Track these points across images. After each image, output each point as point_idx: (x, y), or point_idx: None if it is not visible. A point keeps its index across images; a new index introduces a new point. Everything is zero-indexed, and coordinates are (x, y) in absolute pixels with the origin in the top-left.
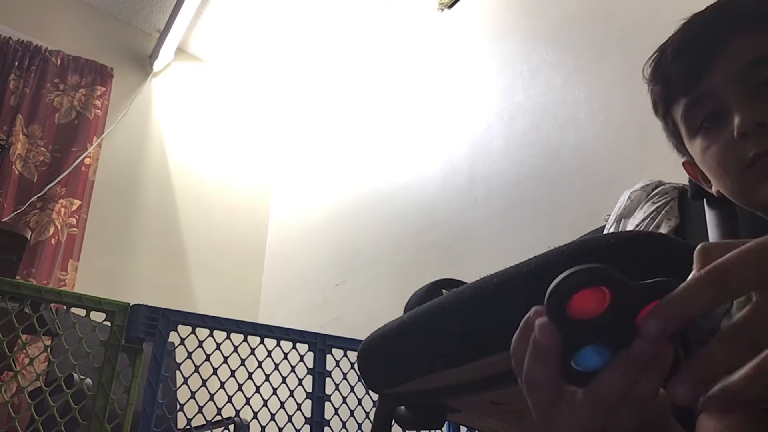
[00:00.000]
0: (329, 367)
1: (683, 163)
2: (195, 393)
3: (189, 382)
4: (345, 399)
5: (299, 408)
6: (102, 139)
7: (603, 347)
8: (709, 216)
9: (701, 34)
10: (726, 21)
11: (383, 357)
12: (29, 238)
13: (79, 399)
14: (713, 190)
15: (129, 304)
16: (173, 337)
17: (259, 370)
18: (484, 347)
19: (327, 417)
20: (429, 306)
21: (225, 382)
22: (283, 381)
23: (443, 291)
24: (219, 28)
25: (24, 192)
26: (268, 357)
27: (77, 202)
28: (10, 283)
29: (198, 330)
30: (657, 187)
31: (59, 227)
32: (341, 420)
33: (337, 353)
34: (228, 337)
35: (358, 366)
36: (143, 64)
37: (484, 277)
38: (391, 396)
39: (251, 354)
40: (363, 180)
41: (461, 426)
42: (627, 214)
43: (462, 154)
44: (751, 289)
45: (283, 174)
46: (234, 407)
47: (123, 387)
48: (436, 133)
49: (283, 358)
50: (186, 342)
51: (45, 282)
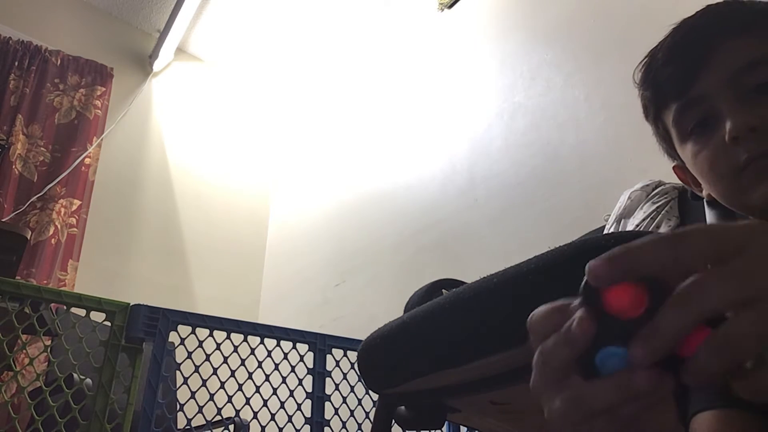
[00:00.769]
0: (329, 367)
1: (674, 168)
2: (195, 393)
3: (189, 382)
4: (345, 399)
5: (299, 408)
6: (102, 139)
7: (625, 353)
8: (709, 216)
9: (691, 39)
10: (716, 26)
11: (383, 357)
12: (29, 238)
13: (79, 399)
14: (704, 194)
15: (129, 304)
16: (173, 337)
17: (259, 370)
18: (484, 347)
19: (327, 417)
20: (429, 306)
21: (225, 382)
22: (283, 381)
23: (443, 291)
24: (219, 28)
25: (24, 192)
26: (268, 357)
27: (77, 202)
28: (10, 283)
29: (198, 330)
30: (657, 187)
31: (59, 227)
32: (341, 420)
33: (337, 353)
34: (228, 337)
35: (358, 366)
36: (143, 64)
37: (484, 277)
38: (391, 396)
39: (251, 354)
40: (363, 180)
41: (461, 426)
42: (627, 214)
43: (462, 154)
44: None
45: (283, 174)
46: (234, 407)
47: (123, 387)
48: (436, 133)
49: (283, 358)
50: (186, 342)
51: (45, 282)
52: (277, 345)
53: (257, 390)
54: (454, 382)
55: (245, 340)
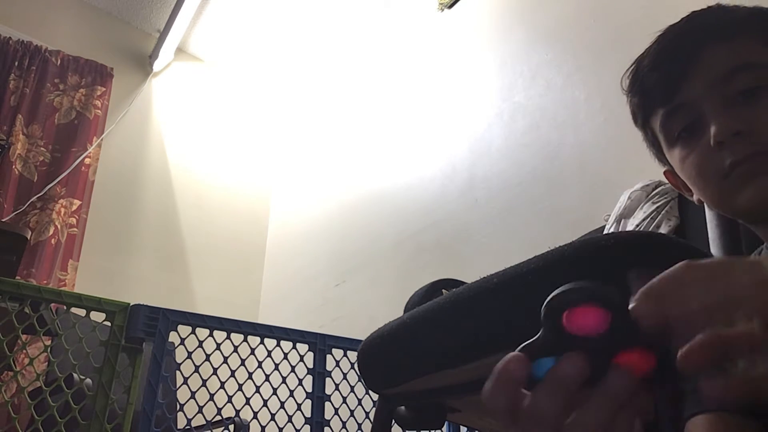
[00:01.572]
0: (329, 367)
1: (664, 172)
2: (195, 393)
3: (189, 382)
4: (345, 399)
5: (299, 408)
6: (102, 139)
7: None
8: (709, 216)
9: (676, 45)
10: (700, 32)
11: (383, 357)
12: (29, 238)
13: (79, 399)
14: (694, 198)
15: (129, 304)
16: (173, 337)
17: (259, 370)
18: (484, 347)
19: (327, 417)
20: (429, 306)
21: (225, 382)
22: (283, 381)
23: (443, 291)
24: (219, 28)
25: (24, 192)
26: (268, 357)
27: (77, 202)
28: (10, 283)
29: (198, 330)
30: (657, 187)
31: (59, 227)
32: (341, 420)
33: (337, 353)
34: (228, 337)
35: (358, 366)
36: (143, 64)
37: (484, 277)
38: (391, 396)
39: (251, 354)
40: (363, 180)
41: (461, 426)
42: (627, 214)
43: (462, 154)
44: None
45: (283, 174)
46: (234, 407)
47: (123, 387)
48: (436, 133)
49: (283, 358)
50: (186, 342)
51: (45, 282)
52: (277, 345)
53: (257, 390)
54: (454, 382)
55: (245, 340)
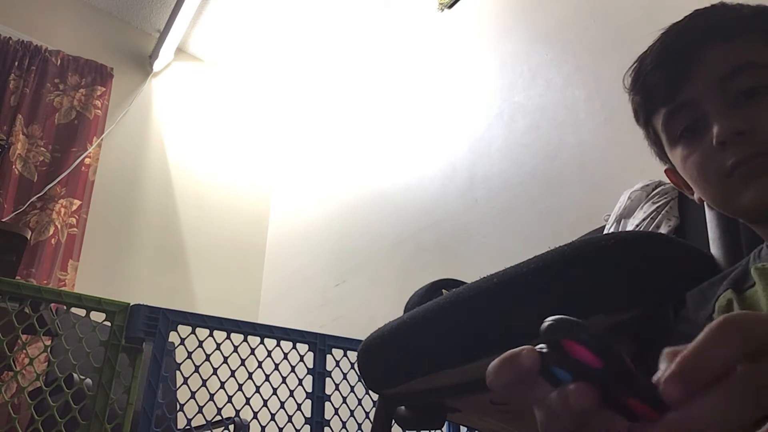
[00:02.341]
0: (329, 367)
1: (665, 171)
2: (195, 393)
3: (189, 382)
4: (345, 399)
5: (299, 408)
6: (102, 139)
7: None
8: (709, 216)
9: (679, 44)
10: (704, 31)
11: (383, 357)
12: (29, 238)
13: (79, 399)
14: (695, 197)
15: (129, 304)
16: (173, 337)
17: (259, 370)
18: (483, 347)
19: (327, 417)
20: (429, 306)
21: (225, 382)
22: (283, 381)
23: (443, 291)
24: (219, 28)
25: (24, 192)
26: (268, 357)
27: (77, 202)
28: (10, 283)
29: (198, 330)
30: (657, 187)
31: (59, 227)
32: (341, 420)
33: (337, 353)
34: (228, 337)
35: (358, 366)
36: (143, 64)
37: (484, 277)
38: (391, 396)
39: (251, 354)
40: (363, 180)
41: (461, 426)
42: (627, 214)
43: (462, 154)
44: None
45: (283, 174)
46: (234, 407)
47: (123, 387)
48: (436, 133)
49: (283, 358)
50: (186, 342)
51: (45, 282)
52: (277, 345)
53: (257, 390)
54: (454, 382)
55: (245, 340)
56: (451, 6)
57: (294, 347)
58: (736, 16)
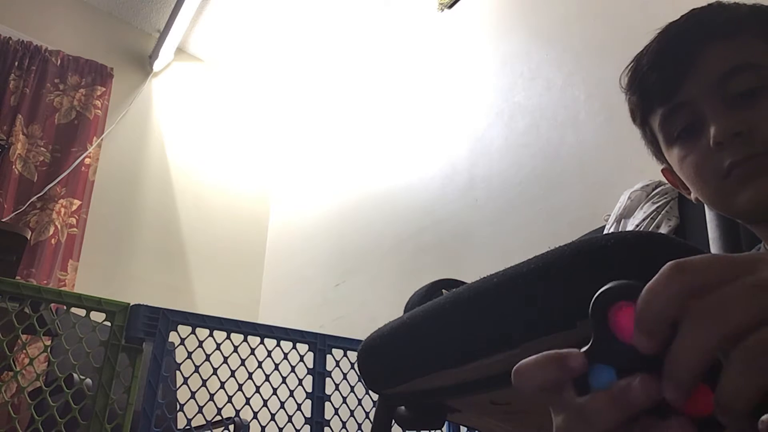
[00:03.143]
0: (329, 367)
1: (662, 171)
2: (195, 393)
3: (189, 382)
4: (345, 399)
5: (299, 408)
6: (102, 139)
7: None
8: (709, 216)
9: (676, 44)
10: (701, 31)
11: (383, 357)
12: (29, 238)
13: (79, 399)
14: (692, 197)
15: (129, 304)
16: (173, 337)
17: (259, 370)
18: (484, 347)
19: (327, 417)
20: (429, 306)
21: (225, 382)
22: (283, 381)
23: (443, 291)
24: (219, 28)
25: (24, 192)
26: (268, 357)
27: (77, 202)
28: (10, 283)
29: (198, 330)
30: (657, 187)
31: (59, 227)
32: (341, 420)
33: (337, 353)
34: (228, 337)
35: (358, 366)
36: (143, 64)
37: (484, 277)
38: (391, 396)
39: (251, 354)
40: (363, 180)
41: (461, 426)
42: (627, 214)
43: (462, 154)
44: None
45: (283, 174)
46: (234, 407)
47: (123, 387)
48: (436, 133)
49: (283, 358)
50: (186, 342)
51: (45, 282)
52: (277, 345)
53: (257, 390)
54: (454, 382)
55: (245, 340)
56: (451, 6)
57: (294, 347)
58: (733, 15)
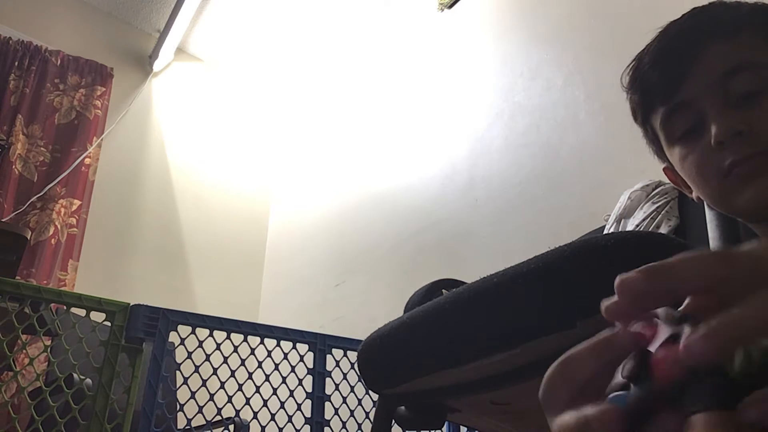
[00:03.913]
0: (329, 367)
1: (664, 169)
2: (195, 393)
3: (189, 382)
4: (345, 399)
5: (299, 408)
6: (102, 139)
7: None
8: (709, 216)
9: (677, 43)
10: (702, 30)
11: (383, 357)
12: (29, 238)
13: (79, 399)
14: (693, 195)
15: (129, 304)
16: (173, 337)
17: (259, 370)
18: (484, 347)
19: (327, 417)
20: (429, 306)
21: (225, 382)
22: (283, 381)
23: (443, 291)
24: (219, 28)
25: (24, 192)
26: (268, 357)
27: (77, 202)
28: (10, 283)
29: (198, 330)
30: (657, 187)
31: (59, 227)
32: (341, 420)
33: (337, 353)
34: (228, 337)
35: (358, 366)
36: (143, 64)
37: (484, 277)
38: (391, 396)
39: (251, 354)
40: (363, 180)
41: (461, 426)
42: (627, 214)
43: (462, 154)
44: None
45: (283, 174)
46: (234, 407)
47: (123, 387)
48: (436, 133)
49: (283, 358)
50: (186, 342)
51: (45, 282)
52: (277, 345)
53: (257, 390)
54: (454, 382)
55: (245, 340)
56: (451, 6)
57: (294, 347)
58: (734, 14)
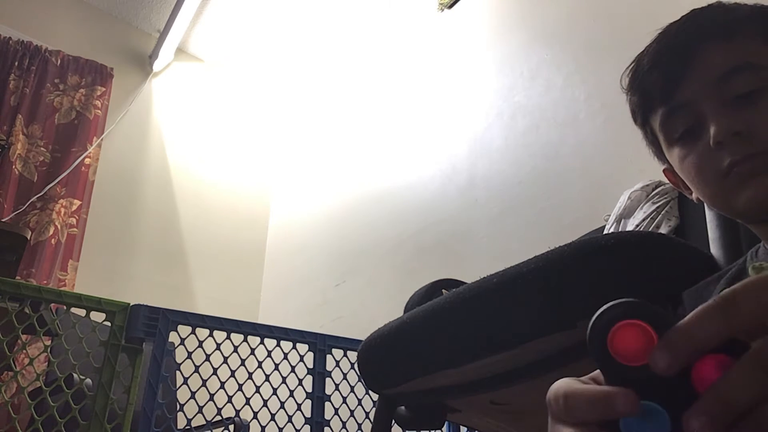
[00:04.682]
0: (329, 367)
1: (663, 171)
2: (195, 393)
3: (189, 382)
4: (345, 399)
5: (299, 408)
6: (102, 139)
7: (658, 406)
8: (709, 216)
9: (676, 44)
10: (701, 31)
11: (383, 357)
12: (29, 238)
13: (79, 399)
14: (693, 196)
15: (129, 304)
16: (173, 337)
17: (259, 370)
18: (484, 347)
19: (327, 417)
20: (429, 306)
21: (225, 382)
22: (283, 381)
23: (443, 291)
24: (219, 28)
25: (24, 192)
26: (268, 357)
27: (77, 202)
28: (10, 283)
29: (198, 330)
30: (657, 187)
31: (59, 227)
32: (341, 420)
33: (337, 353)
34: (228, 338)
35: (358, 366)
36: (143, 64)
37: (484, 277)
38: (391, 396)
39: (251, 354)
40: (363, 180)
41: (461, 426)
42: (627, 214)
43: (462, 154)
44: (763, 320)
45: (283, 174)
46: (234, 407)
47: (123, 387)
48: (436, 133)
49: (283, 358)
50: (186, 342)
51: (45, 282)
52: (277, 345)
53: (257, 390)
54: (454, 382)
55: (245, 340)
56: (451, 6)
57: (294, 347)
58: (733, 15)
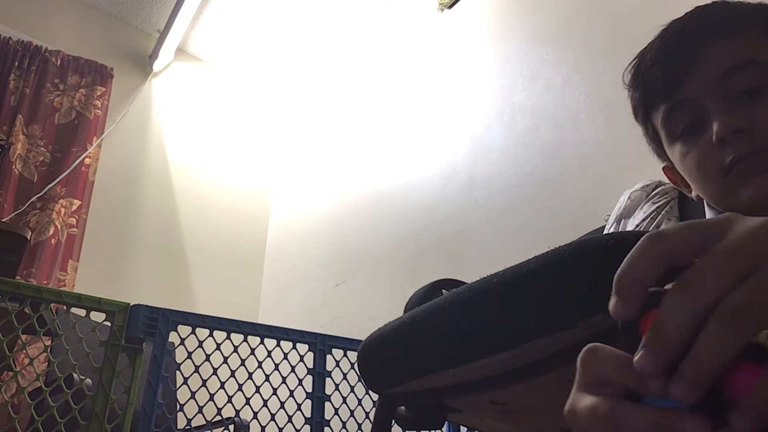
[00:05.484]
0: (329, 367)
1: (663, 168)
2: (195, 393)
3: (189, 382)
4: (345, 399)
5: (299, 408)
6: (102, 139)
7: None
8: (709, 216)
9: (679, 40)
10: (704, 28)
11: (383, 357)
12: (29, 238)
13: (79, 399)
14: (693, 194)
15: (129, 304)
16: (173, 337)
17: (259, 370)
18: (484, 347)
19: (327, 417)
20: (429, 306)
21: (225, 382)
22: (283, 381)
23: (443, 291)
24: (219, 28)
25: (24, 192)
26: (268, 357)
27: (77, 202)
28: (10, 283)
29: (198, 330)
30: (657, 187)
31: (59, 227)
32: (341, 420)
33: (337, 353)
34: (228, 338)
35: (358, 366)
36: (143, 64)
37: (484, 277)
38: (391, 396)
39: (251, 354)
40: (363, 180)
41: (461, 426)
42: (627, 214)
43: (462, 154)
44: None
45: (283, 174)
46: (234, 407)
47: (123, 387)
48: (436, 133)
49: (283, 358)
50: (186, 342)
51: (45, 282)
52: (277, 345)
53: (257, 390)
54: (454, 382)
55: (245, 340)
56: (451, 6)
57: (294, 347)
58: (737, 13)
